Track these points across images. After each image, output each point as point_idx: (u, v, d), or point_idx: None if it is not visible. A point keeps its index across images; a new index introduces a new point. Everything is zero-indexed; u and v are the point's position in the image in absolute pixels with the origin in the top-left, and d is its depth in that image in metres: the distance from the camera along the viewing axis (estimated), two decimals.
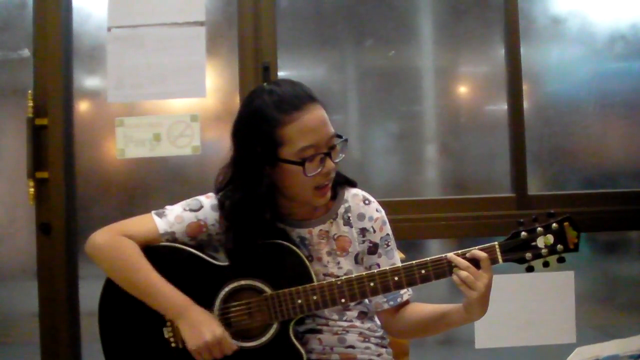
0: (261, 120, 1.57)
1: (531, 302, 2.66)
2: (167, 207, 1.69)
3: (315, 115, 1.58)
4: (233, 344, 1.58)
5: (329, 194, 1.64)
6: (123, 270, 1.61)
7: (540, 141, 2.83)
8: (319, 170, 1.57)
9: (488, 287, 1.52)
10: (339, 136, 1.62)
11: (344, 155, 1.63)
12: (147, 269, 1.60)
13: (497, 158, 2.83)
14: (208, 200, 1.69)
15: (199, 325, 1.56)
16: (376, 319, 1.76)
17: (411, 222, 2.69)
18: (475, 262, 1.52)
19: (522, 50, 2.78)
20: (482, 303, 1.54)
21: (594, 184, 2.86)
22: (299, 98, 1.58)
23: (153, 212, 1.68)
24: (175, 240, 1.65)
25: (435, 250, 2.79)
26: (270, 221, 1.64)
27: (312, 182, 1.59)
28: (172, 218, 1.65)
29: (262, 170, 1.58)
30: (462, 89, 2.92)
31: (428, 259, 1.56)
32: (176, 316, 1.58)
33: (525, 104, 2.80)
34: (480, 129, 2.86)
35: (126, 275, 1.61)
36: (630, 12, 2.86)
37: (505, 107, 2.81)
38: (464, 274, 1.52)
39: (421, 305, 1.72)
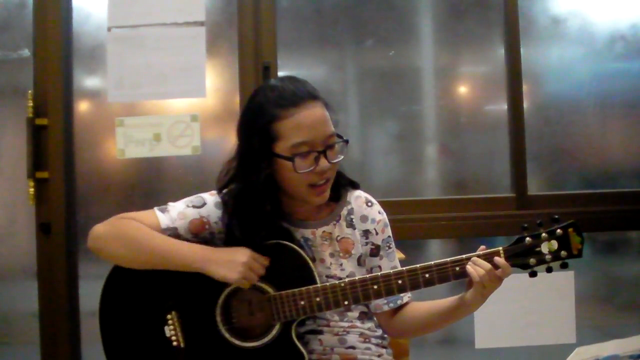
0: (260, 115, 1.58)
1: (531, 302, 2.66)
2: (170, 203, 1.69)
3: (313, 112, 1.57)
4: (265, 257, 1.59)
5: (326, 194, 1.63)
6: (133, 243, 1.61)
7: (540, 141, 2.84)
8: (312, 168, 1.57)
9: (497, 288, 1.55)
10: (340, 137, 1.62)
11: (343, 157, 1.62)
12: (155, 234, 1.60)
13: (497, 158, 2.83)
14: (212, 197, 1.69)
15: (230, 258, 1.56)
16: (375, 318, 1.76)
17: (411, 222, 2.70)
18: (492, 263, 1.54)
19: (522, 50, 2.79)
20: (485, 299, 1.56)
21: (594, 184, 2.86)
22: (297, 95, 1.58)
23: (156, 207, 1.67)
24: (177, 236, 1.64)
25: (435, 250, 2.79)
26: (272, 217, 1.63)
27: (305, 180, 1.58)
28: (175, 214, 1.65)
29: (260, 164, 1.58)
30: (462, 89, 2.92)
31: (432, 262, 1.57)
32: (205, 264, 1.57)
33: (525, 104, 2.80)
34: (480, 129, 2.87)
35: (138, 247, 1.61)
36: (630, 12, 2.86)
37: (505, 107, 2.82)
38: (482, 272, 1.53)
39: (418, 304, 1.73)
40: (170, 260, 1.59)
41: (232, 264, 1.56)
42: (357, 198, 1.73)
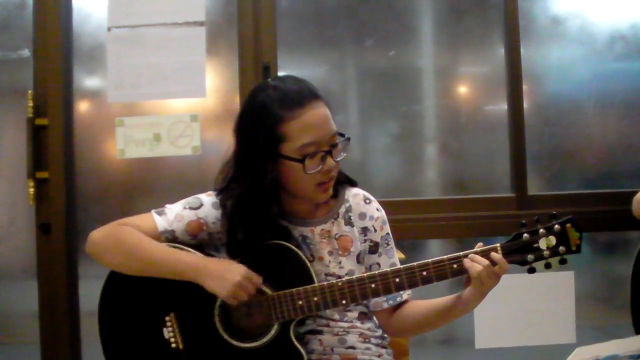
0: (264, 115, 1.57)
1: (531, 302, 2.66)
2: (167, 205, 1.69)
3: (318, 112, 1.58)
4: (258, 275, 1.58)
5: (331, 190, 1.64)
6: (129, 251, 1.61)
7: (540, 141, 2.84)
8: (320, 167, 1.57)
9: (495, 285, 1.54)
10: (342, 135, 1.62)
11: (345, 154, 1.63)
12: (152, 242, 1.60)
13: (497, 158, 2.83)
14: (209, 198, 1.69)
15: (223, 273, 1.56)
16: (375, 318, 1.76)
17: (411, 222, 2.70)
18: (490, 260, 1.53)
19: (522, 50, 2.79)
20: (483, 296, 1.56)
21: (594, 184, 2.86)
22: (302, 95, 1.58)
23: (153, 210, 1.67)
24: (175, 239, 1.65)
25: (435, 250, 2.79)
26: (274, 217, 1.63)
27: (313, 179, 1.59)
28: (172, 216, 1.65)
29: (265, 165, 1.58)
30: (462, 89, 2.92)
31: (430, 260, 1.56)
32: (197, 275, 1.57)
33: (525, 104, 2.80)
34: (480, 129, 2.87)
35: (134, 255, 1.61)
36: (630, 12, 2.86)
37: (505, 107, 2.82)
38: (479, 268, 1.52)
39: (417, 302, 1.72)
40: (164, 268, 1.59)
41: (224, 280, 1.55)
42: (355, 195, 1.73)
